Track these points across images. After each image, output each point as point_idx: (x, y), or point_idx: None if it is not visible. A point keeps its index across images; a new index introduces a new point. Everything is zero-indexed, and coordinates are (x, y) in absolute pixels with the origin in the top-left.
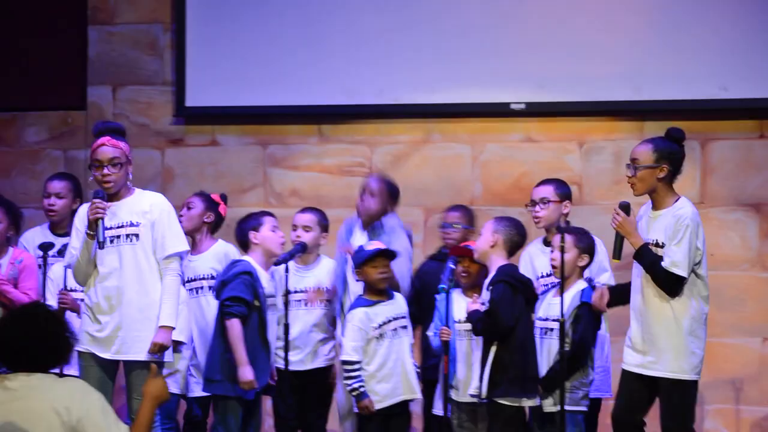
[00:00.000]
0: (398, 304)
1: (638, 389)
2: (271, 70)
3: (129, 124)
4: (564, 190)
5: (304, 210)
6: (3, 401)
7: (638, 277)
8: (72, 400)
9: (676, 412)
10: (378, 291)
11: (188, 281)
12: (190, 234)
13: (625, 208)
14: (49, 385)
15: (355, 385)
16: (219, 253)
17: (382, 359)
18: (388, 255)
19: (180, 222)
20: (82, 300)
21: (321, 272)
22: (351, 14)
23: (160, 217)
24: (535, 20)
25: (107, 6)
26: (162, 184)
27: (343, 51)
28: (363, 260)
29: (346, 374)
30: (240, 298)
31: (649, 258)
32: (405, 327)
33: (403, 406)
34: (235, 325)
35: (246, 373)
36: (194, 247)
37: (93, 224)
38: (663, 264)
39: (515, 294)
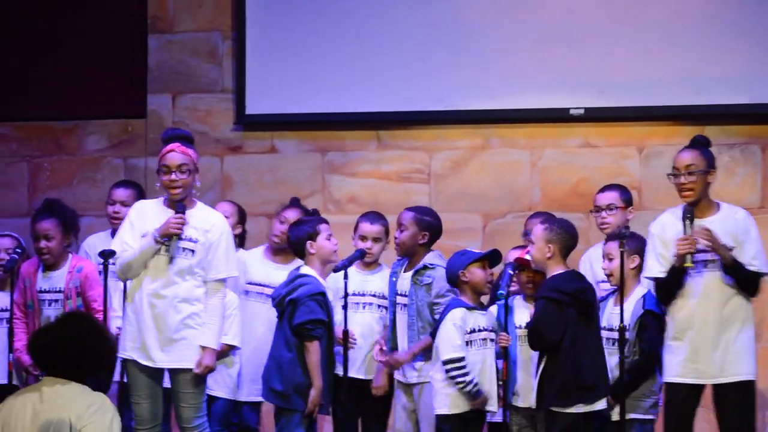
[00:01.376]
0: (491, 316)
1: (692, 399)
2: (330, 77)
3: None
4: (628, 196)
5: (373, 221)
6: (35, 406)
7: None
8: (86, 411)
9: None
10: (478, 295)
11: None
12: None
13: (691, 216)
14: (75, 395)
15: (469, 380)
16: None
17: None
18: (496, 259)
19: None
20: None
21: (383, 279)
22: (409, 22)
23: (218, 240)
24: (594, 26)
25: (167, 15)
26: (221, 192)
27: (401, 57)
28: (471, 260)
29: (455, 372)
30: (319, 321)
31: (741, 270)
32: (493, 340)
33: (481, 416)
34: (316, 348)
35: (319, 397)
36: None
37: (170, 237)
38: (751, 268)
39: (561, 308)
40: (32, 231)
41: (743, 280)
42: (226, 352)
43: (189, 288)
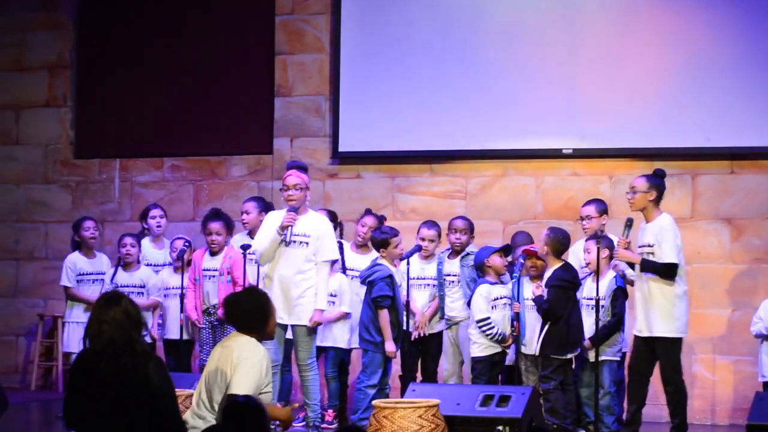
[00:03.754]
0: (508, 289)
1: (644, 348)
2: (398, 126)
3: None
4: (602, 207)
5: (430, 227)
6: (220, 349)
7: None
8: (244, 353)
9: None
10: (498, 275)
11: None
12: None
13: (629, 222)
14: (243, 342)
15: (495, 331)
16: None
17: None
18: (509, 251)
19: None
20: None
21: (436, 267)
22: (452, 88)
23: (323, 233)
24: (579, 91)
25: (287, 83)
26: (323, 205)
27: (447, 112)
28: (492, 252)
29: (485, 327)
30: (385, 296)
31: (651, 265)
32: (511, 304)
33: (502, 359)
34: (384, 314)
35: (390, 346)
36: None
37: (284, 228)
38: (660, 261)
39: (565, 292)
40: (204, 229)
41: (656, 272)
42: (342, 317)
43: (305, 269)
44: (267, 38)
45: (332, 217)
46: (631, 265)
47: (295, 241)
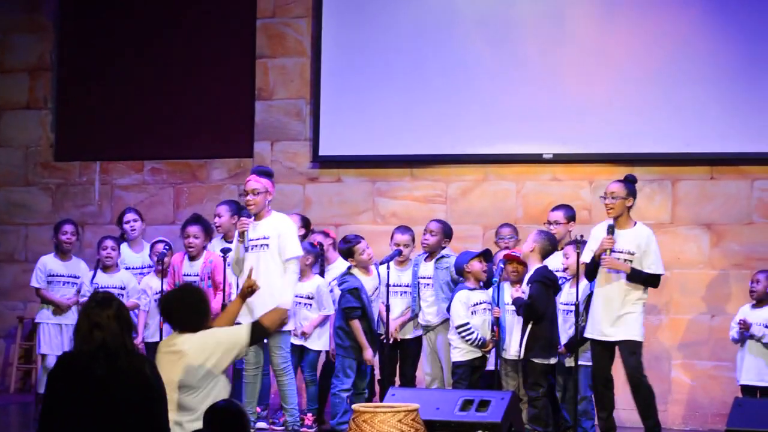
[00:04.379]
0: (487, 294)
1: (605, 354)
2: (378, 130)
3: (281, 167)
4: (571, 213)
5: (404, 232)
6: (173, 358)
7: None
8: (210, 341)
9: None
10: (477, 281)
11: None
12: None
13: (612, 228)
14: (201, 337)
15: (475, 336)
16: None
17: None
18: (488, 256)
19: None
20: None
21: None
22: (431, 91)
23: (282, 232)
24: (559, 98)
25: (268, 87)
26: (303, 209)
27: (427, 117)
28: (471, 257)
29: (464, 333)
30: (354, 308)
31: (638, 274)
32: (491, 309)
33: (482, 364)
34: (355, 324)
35: (369, 354)
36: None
37: (241, 234)
38: (648, 271)
39: (547, 290)
40: (183, 233)
41: (643, 281)
42: (322, 321)
43: (271, 270)
44: (248, 41)
45: (305, 223)
46: (591, 273)
47: (255, 246)
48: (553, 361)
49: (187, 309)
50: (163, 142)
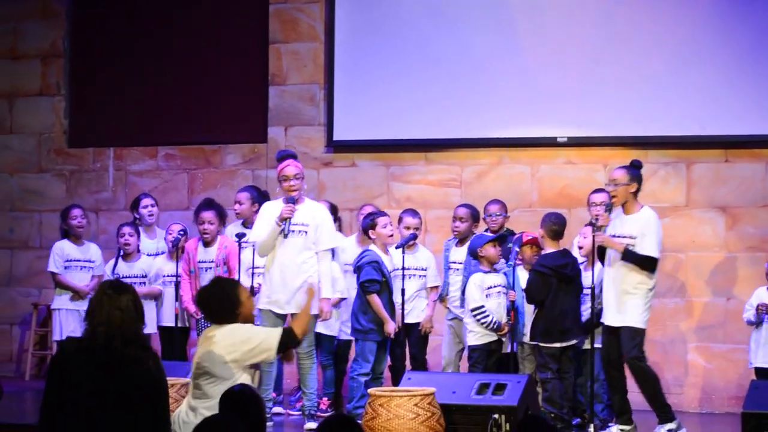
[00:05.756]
0: (502, 277)
1: (613, 337)
2: (393, 115)
3: (295, 152)
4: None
5: (414, 215)
6: (204, 343)
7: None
8: (238, 336)
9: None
10: (491, 264)
11: None
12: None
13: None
14: (231, 330)
15: (490, 319)
16: None
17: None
18: (502, 240)
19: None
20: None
21: (421, 255)
22: (448, 76)
23: (322, 222)
24: (573, 82)
25: (281, 72)
26: (317, 193)
27: (442, 101)
28: (485, 241)
29: (479, 316)
30: (373, 280)
31: (632, 255)
32: (506, 292)
33: (498, 347)
34: (374, 299)
35: (390, 327)
36: None
37: (283, 220)
38: (641, 253)
39: (545, 278)
40: (197, 219)
41: (637, 263)
42: (337, 303)
43: (305, 258)
44: (261, 27)
45: (332, 209)
46: (601, 255)
47: (294, 231)
48: (557, 344)
49: (215, 303)
50: (176, 128)
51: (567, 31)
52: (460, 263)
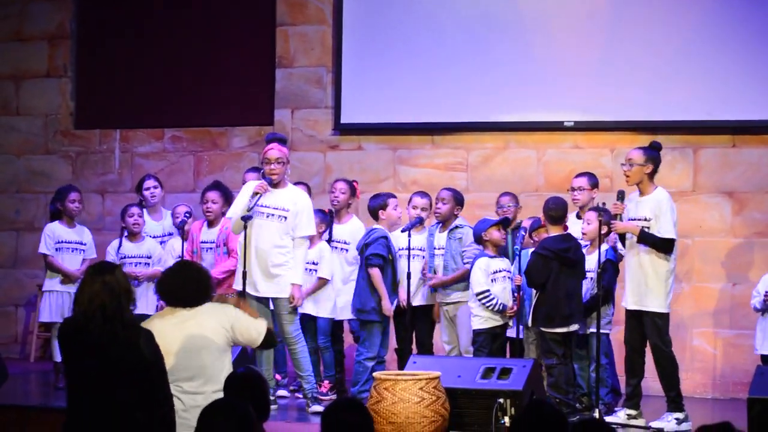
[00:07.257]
0: (507, 261)
1: (635, 322)
2: (400, 98)
3: (302, 135)
4: (595, 181)
5: (423, 196)
6: (177, 323)
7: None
8: (226, 315)
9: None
10: (496, 248)
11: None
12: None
13: (621, 194)
14: (209, 309)
15: (495, 303)
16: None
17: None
18: (507, 224)
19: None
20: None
21: (423, 237)
22: (454, 61)
23: (302, 209)
24: (582, 65)
25: (289, 55)
26: (324, 177)
27: (449, 85)
28: (490, 225)
29: (484, 299)
30: (378, 254)
31: (649, 237)
32: (511, 277)
33: (503, 331)
34: (376, 272)
35: (387, 304)
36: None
37: (255, 195)
38: (659, 235)
39: (546, 261)
40: (202, 199)
41: (654, 245)
42: (322, 285)
43: (282, 243)
44: (269, 9)
45: (308, 191)
46: (622, 239)
47: (272, 215)
48: (558, 329)
49: (188, 286)
50: (183, 110)
51: (574, 15)
52: (442, 248)
